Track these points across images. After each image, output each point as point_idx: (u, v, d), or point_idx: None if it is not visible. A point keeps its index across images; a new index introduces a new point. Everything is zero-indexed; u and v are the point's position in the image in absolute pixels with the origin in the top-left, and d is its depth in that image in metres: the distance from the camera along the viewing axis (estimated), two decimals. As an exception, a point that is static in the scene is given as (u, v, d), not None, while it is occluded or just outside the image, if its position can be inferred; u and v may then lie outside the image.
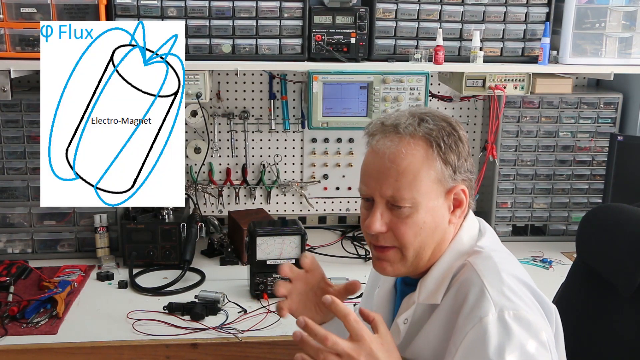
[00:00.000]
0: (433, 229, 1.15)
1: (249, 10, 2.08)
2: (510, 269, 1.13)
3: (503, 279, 1.09)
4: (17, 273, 2.03)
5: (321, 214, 2.60)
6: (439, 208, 1.15)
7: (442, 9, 2.16)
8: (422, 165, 1.12)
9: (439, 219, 1.15)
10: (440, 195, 1.14)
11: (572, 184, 2.48)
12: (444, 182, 1.14)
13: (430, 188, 1.13)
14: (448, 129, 1.15)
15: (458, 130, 1.17)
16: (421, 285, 1.19)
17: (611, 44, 2.18)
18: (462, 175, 1.16)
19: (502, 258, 1.16)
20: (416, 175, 1.12)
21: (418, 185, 1.12)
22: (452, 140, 1.15)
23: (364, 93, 2.15)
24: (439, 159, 1.13)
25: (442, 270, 1.17)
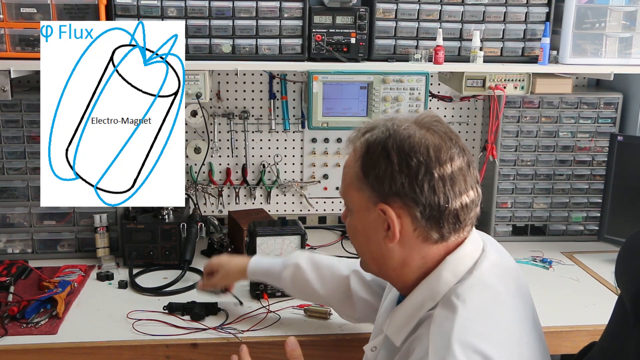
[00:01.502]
0: (366, 239, 1.18)
1: (249, 10, 2.08)
2: (471, 335, 1.04)
3: (451, 350, 1.01)
4: (17, 273, 2.03)
5: (321, 214, 2.60)
6: (371, 220, 1.14)
7: (442, 9, 2.16)
8: (352, 175, 1.16)
9: (371, 232, 1.15)
10: (370, 207, 1.14)
11: (572, 184, 2.48)
12: (369, 196, 1.13)
13: (357, 197, 1.15)
14: (380, 139, 1.12)
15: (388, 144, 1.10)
16: (392, 315, 1.18)
17: (611, 44, 2.18)
18: (391, 195, 1.10)
19: (472, 316, 1.06)
20: (348, 184, 1.18)
21: (348, 192, 1.18)
22: (376, 154, 1.11)
23: (364, 93, 2.15)
24: (361, 171, 1.14)
25: (413, 306, 1.14)
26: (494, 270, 1.16)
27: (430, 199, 1.08)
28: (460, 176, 1.10)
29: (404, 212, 1.10)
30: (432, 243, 1.13)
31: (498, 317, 1.10)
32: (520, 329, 1.14)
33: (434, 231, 1.11)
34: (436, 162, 1.08)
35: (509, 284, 1.18)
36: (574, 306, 1.91)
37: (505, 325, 1.10)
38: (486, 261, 1.15)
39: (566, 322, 1.78)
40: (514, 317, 1.14)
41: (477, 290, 1.11)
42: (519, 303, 1.18)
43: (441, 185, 1.08)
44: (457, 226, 1.12)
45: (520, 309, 1.17)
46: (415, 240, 1.13)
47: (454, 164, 1.10)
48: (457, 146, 1.12)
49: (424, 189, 1.08)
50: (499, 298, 1.13)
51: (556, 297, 1.97)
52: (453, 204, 1.10)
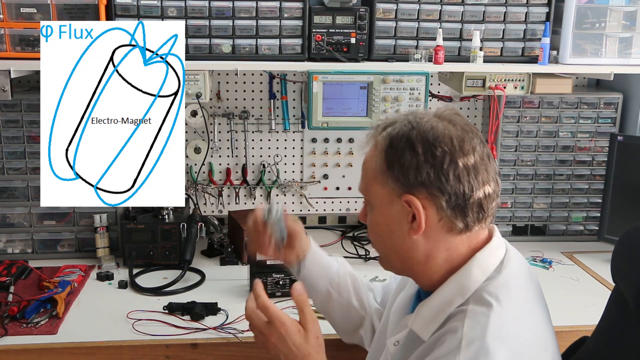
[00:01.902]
0: (389, 234, 1.17)
1: (249, 10, 2.08)
2: (505, 332, 1.05)
3: (485, 344, 1.02)
4: (17, 273, 2.03)
5: (321, 214, 2.60)
6: (393, 214, 1.14)
7: (442, 9, 2.16)
8: (374, 169, 1.16)
9: (394, 226, 1.15)
10: (394, 200, 1.14)
11: (572, 184, 2.48)
12: (394, 188, 1.13)
13: (380, 192, 1.15)
14: (403, 132, 1.13)
15: (412, 136, 1.12)
16: (418, 310, 1.18)
17: (611, 44, 2.18)
18: (416, 186, 1.10)
19: (507, 313, 1.07)
20: (370, 179, 1.17)
21: (370, 188, 1.18)
22: (401, 146, 1.12)
23: (364, 93, 2.15)
24: (385, 164, 1.14)
25: (441, 301, 1.14)
26: (520, 270, 1.18)
27: (456, 188, 1.10)
28: (482, 166, 1.12)
29: (429, 202, 1.11)
30: (456, 233, 1.14)
31: (528, 317, 1.12)
32: (546, 329, 1.16)
33: (459, 220, 1.12)
34: (460, 152, 1.10)
35: (532, 287, 1.20)
36: (574, 306, 1.91)
37: (535, 327, 1.13)
38: (512, 260, 1.17)
39: (566, 322, 1.78)
40: (540, 319, 1.16)
41: (510, 291, 1.12)
42: (542, 306, 1.20)
43: (465, 174, 1.10)
44: (481, 215, 1.13)
45: (544, 312, 1.19)
46: (440, 231, 1.13)
47: (477, 154, 1.12)
48: (477, 137, 1.15)
49: (450, 177, 1.09)
50: (528, 298, 1.15)
51: (556, 297, 1.97)
52: (477, 193, 1.11)
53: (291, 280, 1.94)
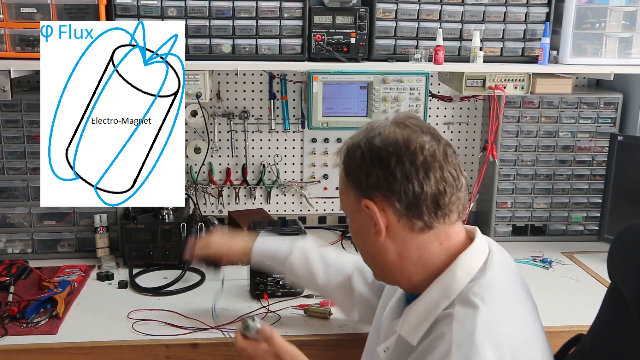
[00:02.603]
0: (363, 241, 1.22)
1: (249, 10, 2.08)
2: (493, 332, 1.06)
3: (475, 346, 1.04)
4: (17, 273, 2.03)
5: (321, 214, 2.60)
6: (362, 220, 1.19)
7: (442, 9, 2.16)
8: (340, 179, 1.23)
9: (364, 232, 1.19)
10: (358, 209, 1.18)
11: (572, 184, 2.48)
12: (354, 195, 1.18)
13: (348, 200, 1.21)
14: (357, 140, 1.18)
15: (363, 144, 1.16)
16: (406, 314, 1.19)
17: (611, 44, 2.18)
18: (370, 189, 1.15)
19: (493, 313, 1.09)
20: (340, 189, 1.25)
21: (341, 197, 1.24)
22: (352, 153, 1.18)
23: (364, 93, 2.15)
24: (343, 173, 1.21)
25: (427, 305, 1.15)
26: (505, 269, 1.19)
27: (405, 187, 1.12)
28: (434, 163, 1.13)
29: (385, 204, 1.14)
30: (418, 232, 1.15)
31: (515, 317, 1.13)
32: (533, 326, 1.18)
33: (416, 218, 1.14)
34: (406, 151, 1.13)
35: (517, 285, 1.21)
36: (574, 306, 1.91)
37: (522, 325, 1.14)
38: (495, 261, 1.18)
39: (566, 322, 1.78)
40: (528, 317, 1.17)
41: (495, 291, 1.12)
42: (529, 303, 1.21)
43: (414, 172, 1.12)
44: (439, 212, 1.14)
45: (531, 309, 1.21)
46: (402, 231, 1.15)
47: (425, 151, 1.13)
48: (428, 135, 1.16)
49: (397, 177, 1.12)
50: (515, 297, 1.17)
51: (556, 297, 1.97)
52: (429, 190, 1.12)
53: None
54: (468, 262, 1.15)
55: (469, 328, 1.06)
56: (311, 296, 1.93)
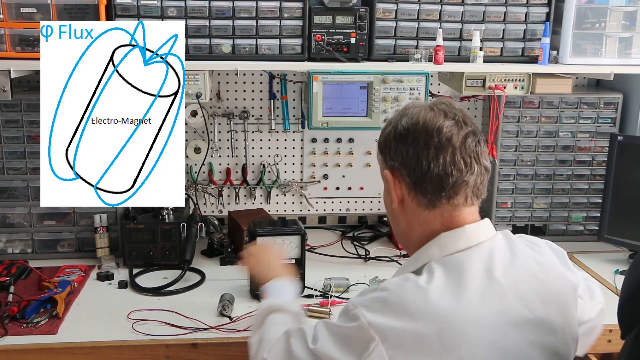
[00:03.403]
0: (387, 205, 1.32)
1: (249, 10, 2.08)
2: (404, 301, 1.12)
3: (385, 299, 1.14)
4: (17, 273, 2.03)
5: (321, 214, 2.60)
6: (384, 189, 1.31)
7: (442, 9, 2.16)
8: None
9: (386, 199, 1.32)
10: (384, 176, 1.29)
11: (572, 184, 2.48)
12: (382, 165, 1.30)
13: (380, 168, 1.32)
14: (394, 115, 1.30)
15: (397, 119, 1.27)
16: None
17: (611, 44, 2.18)
18: (390, 161, 1.26)
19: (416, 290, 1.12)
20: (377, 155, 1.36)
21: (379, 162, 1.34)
22: (387, 127, 1.29)
23: (364, 93, 2.15)
24: (379, 144, 1.32)
25: (401, 268, 1.30)
26: (485, 262, 1.17)
27: (414, 164, 1.21)
28: (448, 146, 1.20)
29: (400, 177, 1.25)
30: (424, 208, 1.24)
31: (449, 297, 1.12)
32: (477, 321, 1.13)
33: (421, 195, 1.23)
34: (423, 132, 1.21)
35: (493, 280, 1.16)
36: (574, 306, 1.90)
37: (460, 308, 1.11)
38: (483, 250, 1.19)
39: (566, 322, 1.78)
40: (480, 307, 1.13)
41: (451, 270, 1.15)
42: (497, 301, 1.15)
43: (425, 152, 1.20)
44: (443, 193, 1.20)
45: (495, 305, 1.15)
46: (411, 205, 1.25)
47: (442, 135, 1.20)
48: (452, 120, 1.22)
49: (410, 154, 1.22)
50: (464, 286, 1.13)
51: (556, 297, 1.96)
52: (435, 170, 1.20)
53: (291, 280, 1.94)
54: (446, 242, 1.21)
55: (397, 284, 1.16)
56: (311, 296, 1.94)
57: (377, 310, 1.13)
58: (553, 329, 1.20)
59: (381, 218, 2.59)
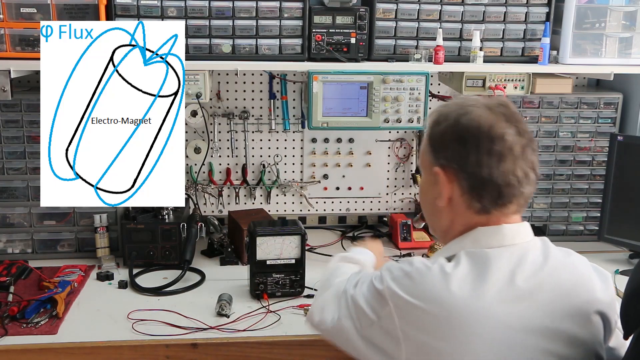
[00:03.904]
0: (426, 198, 1.30)
1: (249, 10, 2.08)
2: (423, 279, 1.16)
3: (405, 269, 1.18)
4: (17, 273, 2.03)
5: (321, 214, 2.60)
6: (430, 181, 1.26)
7: (442, 9, 2.16)
8: (425, 137, 1.30)
9: (430, 192, 1.27)
10: (430, 168, 1.25)
11: (572, 184, 2.48)
12: (431, 159, 1.25)
13: (424, 158, 1.28)
14: (450, 112, 1.23)
15: (456, 118, 1.20)
16: None
17: (611, 44, 2.18)
18: (448, 161, 1.21)
19: (437, 275, 1.14)
20: (423, 144, 1.31)
21: (422, 151, 1.30)
22: (443, 124, 1.23)
23: (364, 93, 2.15)
24: (428, 134, 1.27)
25: (434, 256, 1.27)
26: (515, 262, 1.17)
27: (475, 169, 1.17)
28: (510, 155, 1.17)
29: (453, 177, 1.21)
30: (474, 212, 1.21)
31: (469, 288, 1.13)
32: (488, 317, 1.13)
33: (475, 200, 1.20)
34: (486, 138, 1.17)
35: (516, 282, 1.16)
36: (574, 306, 1.90)
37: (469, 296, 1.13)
38: (515, 251, 1.19)
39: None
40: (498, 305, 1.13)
41: (478, 262, 1.16)
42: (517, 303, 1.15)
43: (486, 159, 1.16)
44: (500, 202, 1.19)
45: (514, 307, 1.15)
46: (461, 206, 1.22)
47: (504, 143, 1.17)
48: (513, 128, 1.18)
49: (470, 159, 1.17)
50: (485, 281, 1.14)
51: (556, 297, 1.96)
52: (496, 179, 1.17)
53: (291, 281, 1.94)
54: (480, 236, 1.21)
55: (422, 263, 1.18)
56: (311, 296, 1.93)
57: (398, 280, 1.17)
58: (575, 342, 1.18)
59: (381, 218, 2.59)
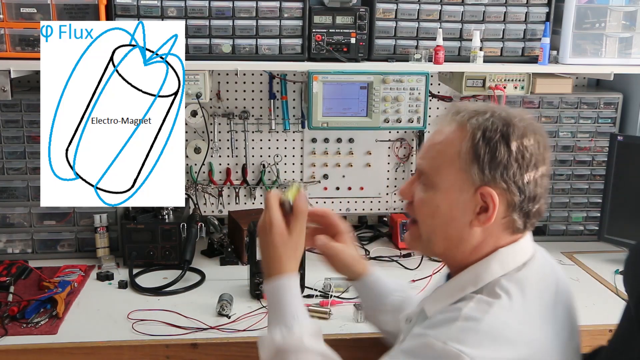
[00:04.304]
0: (447, 220, 1.16)
1: (249, 10, 2.08)
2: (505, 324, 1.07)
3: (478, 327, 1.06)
4: (17, 273, 2.03)
5: (321, 214, 2.59)
6: (460, 202, 1.14)
7: (442, 9, 2.16)
8: (451, 151, 1.14)
9: (457, 213, 1.15)
10: (465, 189, 1.13)
11: (572, 184, 2.48)
12: (471, 178, 1.12)
13: (452, 176, 1.14)
14: (496, 127, 1.12)
15: (509, 136, 1.12)
16: (434, 292, 1.23)
17: (611, 44, 2.18)
18: (498, 180, 1.11)
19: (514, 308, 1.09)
20: (442, 157, 1.15)
21: (440, 166, 1.15)
22: (493, 141, 1.11)
23: (364, 93, 2.15)
24: (469, 153, 1.12)
25: (455, 287, 1.18)
26: (540, 277, 1.19)
27: (532, 191, 1.13)
28: (547, 178, 1.17)
29: (503, 198, 1.13)
30: (510, 233, 1.17)
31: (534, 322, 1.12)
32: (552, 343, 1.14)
33: (521, 222, 1.16)
34: (542, 160, 1.15)
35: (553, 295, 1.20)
36: (574, 306, 1.91)
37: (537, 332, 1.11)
38: (535, 266, 1.19)
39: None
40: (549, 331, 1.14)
41: (523, 289, 1.13)
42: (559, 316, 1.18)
43: (540, 181, 1.15)
44: (537, 220, 1.18)
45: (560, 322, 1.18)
46: (499, 228, 1.16)
47: (547, 166, 1.17)
48: (549, 150, 1.19)
49: (530, 180, 1.13)
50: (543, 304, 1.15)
51: (556, 297, 1.97)
52: (542, 200, 1.16)
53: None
54: (506, 258, 1.16)
55: (482, 310, 1.08)
56: (311, 296, 1.93)
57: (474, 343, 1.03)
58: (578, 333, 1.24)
59: (381, 218, 2.59)
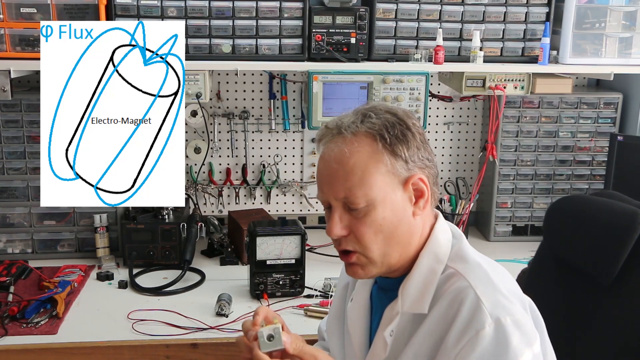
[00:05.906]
0: (396, 224, 1.13)
1: (249, 10, 2.08)
2: (499, 277, 1.14)
3: (497, 287, 1.09)
4: (17, 273, 2.03)
5: (321, 214, 2.59)
6: (398, 201, 1.12)
7: (442, 9, 2.16)
8: (369, 161, 1.10)
9: (401, 212, 1.13)
10: (396, 188, 1.12)
11: (572, 184, 2.48)
12: (397, 174, 1.11)
13: (383, 182, 1.11)
14: (392, 120, 1.13)
15: (405, 120, 1.14)
16: (402, 292, 1.16)
17: (611, 44, 2.18)
18: (417, 164, 1.13)
19: (489, 265, 1.16)
20: (364, 172, 1.10)
21: (369, 181, 1.10)
22: (398, 131, 1.11)
23: (364, 93, 2.15)
24: (386, 151, 1.11)
25: (424, 275, 1.15)
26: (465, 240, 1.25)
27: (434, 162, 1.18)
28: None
29: (425, 173, 1.15)
30: (434, 206, 1.20)
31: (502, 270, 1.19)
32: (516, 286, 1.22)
33: (437, 192, 1.19)
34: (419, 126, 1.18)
35: None
36: (574, 306, 1.91)
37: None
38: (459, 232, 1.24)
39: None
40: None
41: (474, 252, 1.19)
42: None
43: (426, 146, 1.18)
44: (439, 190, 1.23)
45: None
46: (430, 208, 1.17)
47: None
48: None
49: (431, 151, 1.17)
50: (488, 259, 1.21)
51: (556, 297, 1.97)
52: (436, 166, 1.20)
53: (291, 281, 1.94)
54: (443, 227, 1.20)
55: (482, 274, 1.11)
56: (311, 296, 1.94)
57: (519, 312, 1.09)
58: None
59: (381, 218, 2.59)
